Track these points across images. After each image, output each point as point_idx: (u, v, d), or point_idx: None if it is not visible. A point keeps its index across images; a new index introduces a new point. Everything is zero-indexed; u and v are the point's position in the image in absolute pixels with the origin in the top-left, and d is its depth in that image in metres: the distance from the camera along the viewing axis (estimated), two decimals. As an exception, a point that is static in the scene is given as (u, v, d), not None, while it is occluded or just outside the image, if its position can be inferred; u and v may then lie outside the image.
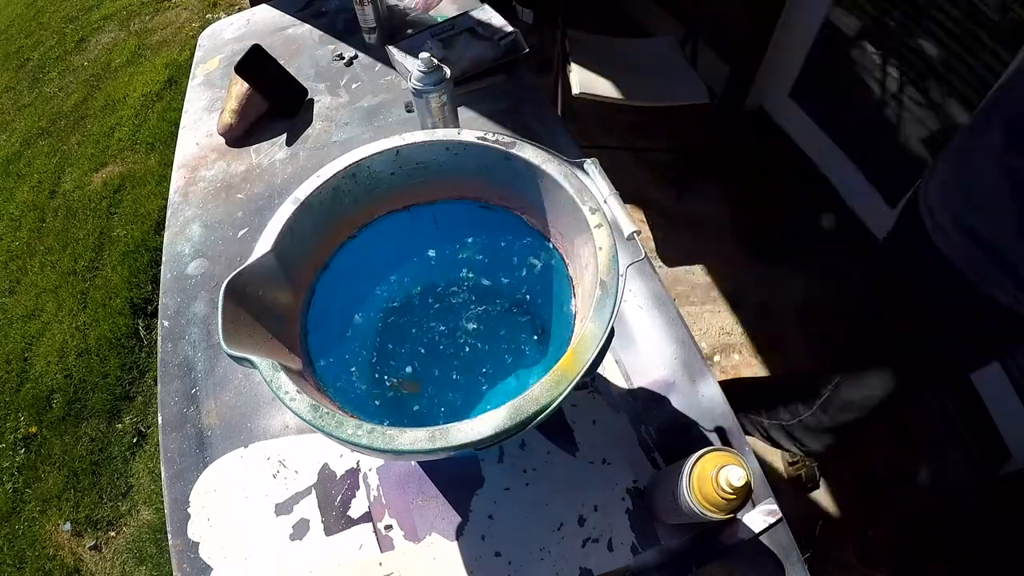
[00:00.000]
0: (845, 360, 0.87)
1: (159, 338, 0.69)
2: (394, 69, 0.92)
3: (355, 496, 0.57)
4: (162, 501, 0.59)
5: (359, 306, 0.56)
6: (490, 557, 0.53)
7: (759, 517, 0.52)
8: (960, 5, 1.10)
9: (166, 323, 0.70)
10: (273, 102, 0.87)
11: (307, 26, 1.01)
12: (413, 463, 0.57)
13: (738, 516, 0.52)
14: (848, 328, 0.95)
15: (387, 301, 0.59)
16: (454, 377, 0.57)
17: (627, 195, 0.46)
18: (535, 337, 0.58)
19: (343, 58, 0.95)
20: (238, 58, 0.84)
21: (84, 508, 1.41)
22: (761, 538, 0.52)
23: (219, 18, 2.07)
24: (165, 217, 0.80)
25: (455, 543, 0.53)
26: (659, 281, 0.67)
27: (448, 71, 0.68)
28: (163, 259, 0.75)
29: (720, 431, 0.58)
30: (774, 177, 1.61)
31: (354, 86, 0.91)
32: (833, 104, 1.53)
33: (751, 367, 1.43)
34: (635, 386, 0.60)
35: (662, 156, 1.74)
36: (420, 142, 0.52)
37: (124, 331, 1.67)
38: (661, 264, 1.55)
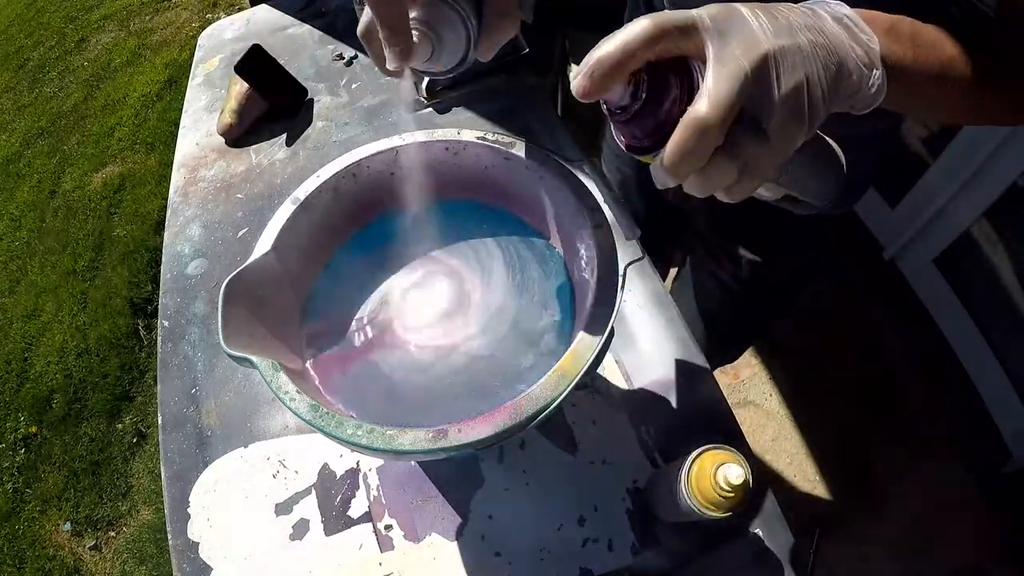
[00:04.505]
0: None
1: (159, 338, 0.69)
2: (394, 69, 0.92)
3: (355, 496, 0.57)
4: (162, 501, 0.59)
5: (359, 306, 0.56)
6: (490, 557, 0.53)
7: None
8: None
9: (166, 323, 0.70)
10: (273, 102, 0.87)
11: (307, 26, 1.01)
12: (413, 463, 0.57)
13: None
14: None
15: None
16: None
17: (627, 195, 0.46)
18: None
19: (343, 58, 0.95)
20: (238, 58, 0.84)
21: (84, 508, 1.41)
22: (761, 537, 0.52)
23: (219, 18, 2.07)
24: (165, 217, 0.80)
25: (455, 543, 0.53)
26: (659, 281, 0.67)
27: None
28: (163, 259, 0.75)
29: (720, 431, 0.58)
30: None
31: (354, 86, 0.91)
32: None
33: (751, 366, 1.43)
34: (635, 386, 0.60)
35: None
36: (420, 142, 0.52)
37: (124, 331, 1.67)
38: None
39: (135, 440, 1.50)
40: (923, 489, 1.24)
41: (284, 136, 0.86)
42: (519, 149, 0.51)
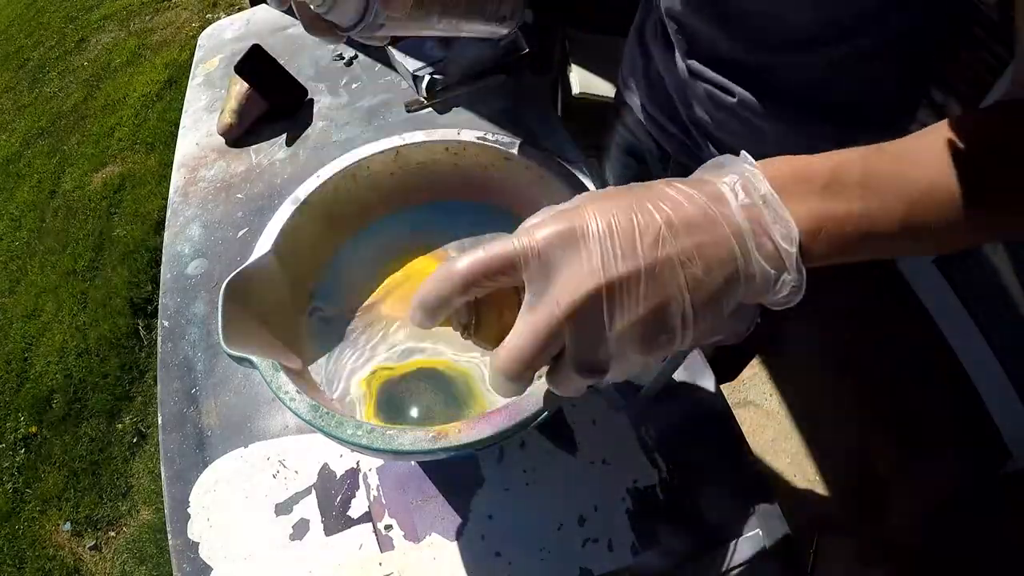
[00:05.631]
0: None
1: (159, 338, 0.69)
2: (394, 69, 0.92)
3: (355, 496, 0.57)
4: (162, 501, 0.59)
5: (359, 306, 0.56)
6: (490, 557, 0.53)
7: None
8: None
9: (166, 323, 0.70)
10: (273, 102, 0.87)
11: (307, 26, 1.01)
12: (413, 463, 0.57)
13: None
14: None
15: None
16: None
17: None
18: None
19: (343, 58, 0.95)
20: (238, 58, 0.84)
21: (84, 508, 1.41)
22: (761, 537, 0.52)
23: (219, 18, 2.08)
24: (165, 217, 0.80)
25: (455, 543, 0.53)
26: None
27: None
28: (163, 259, 0.75)
29: (720, 431, 0.58)
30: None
31: (354, 86, 0.91)
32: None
33: (751, 366, 1.43)
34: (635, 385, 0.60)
35: (662, 156, 1.74)
36: (420, 142, 0.52)
37: (124, 331, 1.67)
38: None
39: (135, 440, 1.50)
40: (923, 489, 1.24)
41: (284, 136, 0.86)
42: (519, 149, 0.51)
